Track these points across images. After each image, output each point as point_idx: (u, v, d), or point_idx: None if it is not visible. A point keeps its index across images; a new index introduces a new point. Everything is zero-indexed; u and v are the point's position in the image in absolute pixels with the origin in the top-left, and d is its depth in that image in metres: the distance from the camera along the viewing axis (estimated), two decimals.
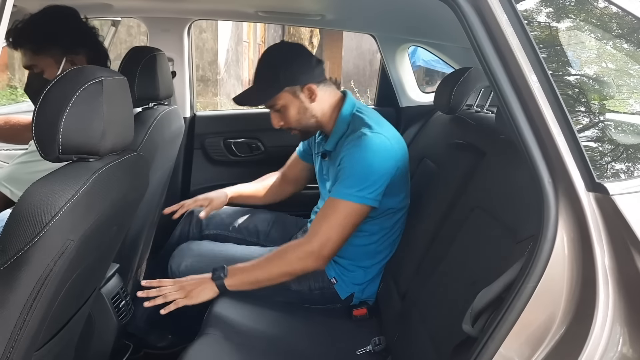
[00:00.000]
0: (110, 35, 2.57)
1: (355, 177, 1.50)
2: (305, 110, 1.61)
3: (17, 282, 0.86)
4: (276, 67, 1.59)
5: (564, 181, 0.91)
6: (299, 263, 1.50)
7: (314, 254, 1.49)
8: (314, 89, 1.59)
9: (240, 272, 1.51)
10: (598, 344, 0.87)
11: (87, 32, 1.54)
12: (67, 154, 0.95)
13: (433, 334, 1.24)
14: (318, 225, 1.51)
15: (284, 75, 1.58)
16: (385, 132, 1.57)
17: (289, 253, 1.51)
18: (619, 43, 1.18)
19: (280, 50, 1.65)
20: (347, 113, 1.63)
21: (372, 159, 1.51)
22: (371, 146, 1.51)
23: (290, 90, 1.59)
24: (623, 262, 0.88)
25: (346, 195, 1.49)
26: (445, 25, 1.69)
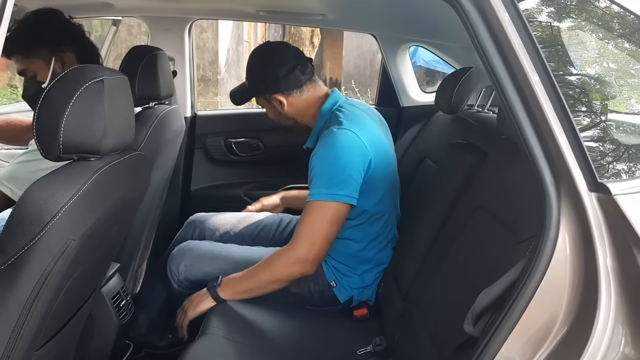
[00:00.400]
0: (111, 34, 2.57)
1: (324, 176, 1.50)
2: (280, 113, 1.72)
3: (17, 281, 0.85)
4: (248, 74, 1.71)
5: (566, 181, 0.91)
6: (286, 270, 1.51)
7: (300, 259, 1.49)
8: (282, 99, 1.67)
9: (232, 282, 1.55)
10: (600, 344, 0.87)
11: (73, 31, 1.56)
12: (68, 153, 0.94)
13: (434, 334, 1.23)
14: (299, 230, 1.51)
15: (253, 85, 1.71)
16: (355, 129, 1.54)
17: (275, 260, 1.52)
18: (621, 43, 1.18)
19: (254, 57, 1.71)
20: (326, 110, 1.67)
21: (337, 155, 1.50)
22: (335, 142, 1.50)
23: (262, 97, 1.71)
24: (625, 262, 0.87)
25: (318, 195, 1.49)
26: (447, 25, 1.69)
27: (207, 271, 1.67)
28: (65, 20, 1.55)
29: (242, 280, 1.54)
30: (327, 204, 1.48)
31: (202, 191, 2.47)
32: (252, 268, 1.55)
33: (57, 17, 1.53)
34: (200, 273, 1.68)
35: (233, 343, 1.42)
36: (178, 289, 1.71)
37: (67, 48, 1.49)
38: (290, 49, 1.69)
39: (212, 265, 1.68)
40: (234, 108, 2.47)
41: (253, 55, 1.72)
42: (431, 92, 2.54)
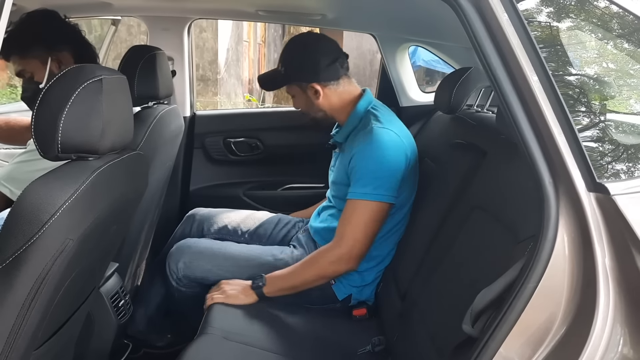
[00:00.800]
0: (111, 34, 2.56)
1: (369, 175, 1.53)
2: (312, 104, 1.70)
3: (15, 281, 0.85)
4: (288, 61, 1.69)
5: (565, 181, 0.91)
6: (331, 267, 1.56)
7: (344, 256, 1.54)
8: (319, 89, 1.66)
9: (277, 280, 1.58)
10: (599, 344, 0.87)
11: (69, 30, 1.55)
12: (67, 153, 0.94)
13: (433, 334, 1.23)
14: (342, 228, 1.56)
15: (292, 71, 1.68)
16: (395, 128, 1.60)
17: (321, 258, 1.57)
18: (620, 43, 1.18)
19: (297, 44, 1.71)
20: (362, 109, 1.68)
21: (383, 155, 1.54)
22: (381, 142, 1.54)
23: (298, 85, 1.69)
24: (624, 262, 0.88)
25: (363, 194, 1.53)
26: (446, 25, 1.69)
27: (207, 268, 1.68)
28: (61, 20, 1.55)
29: (287, 278, 1.58)
30: (372, 203, 1.53)
31: (201, 191, 2.47)
32: (297, 266, 1.60)
33: (53, 17, 1.53)
34: (199, 270, 1.68)
35: (232, 343, 1.42)
36: (177, 287, 1.71)
37: (63, 47, 1.50)
38: (332, 41, 1.70)
39: (211, 262, 1.68)
40: (233, 108, 2.47)
41: (295, 43, 1.72)
42: (431, 92, 2.54)
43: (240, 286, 1.59)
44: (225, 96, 8.66)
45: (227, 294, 1.58)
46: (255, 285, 1.58)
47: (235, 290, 1.58)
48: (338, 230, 1.57)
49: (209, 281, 1.71)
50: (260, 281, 1.58)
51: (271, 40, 12.00)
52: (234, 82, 9.27)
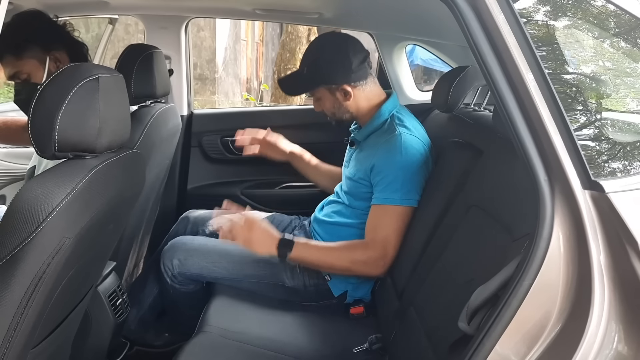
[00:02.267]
0: (108, 33, 2.56)
1: (399, 181, 1.54)
2: (340, 106, 1.67)
3: (12, 279, 0.85)
4: (316, 63, 1.64)
5: (560, 179, 0.91)
6: (363, 266, 1.56)
7: (378, 261, 1.54)
8: (349, 90, 1.63)
9: (305, 251, 1.55)
10: (594, 341, 0.87)
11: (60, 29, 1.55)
12: (63, 152, 0.94)
13: (430, 332, 1.24)
14: (374, 233, 1.55)
15: (321, 73, 1.63)
16: (419, 135, 1.62)
17: (356, 254, 1.55)
18: (616, 42, 1.18)
19: (326, 45, 1.67)
20: (386, 111, 1.67)
21: (412, 160, 1.55)
22: (409, 149, 1.56)
23: (327, 87, 1.65)
24: (618, 259, 0.88)
25: (394, 200, 1.54)
26: (443, 24, 1.69)
27: (202, 265, 1.68)
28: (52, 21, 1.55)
29: (315, 254, 1.57)
30: (403, 208, 1.54)
31: (198, 189, 2.47)
32: (330, 247, 1.59)
33: (43, 16, 1.53)
34: (194, 267, 1.68)
35: (229, 341, 1.42)
36: (172, 284, 1.71)
37: (59, 46, 1.49)
38: (359, 41, 1.66)
39: (206, 259, 1.68)
40: (231, 107, 2.47)
41: (323, 43, 1.67)
42: (428, 90, 2.54)
43: (266, 236, 1.53)
44: (223, 95, 8.65)
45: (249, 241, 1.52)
46: (282, 244, 1.52)
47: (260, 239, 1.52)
48: (368, 234, 1.56)
49: (204, 278, 1.71)
50: (289, 247, 1.52)
51: (269, 39, 11.99)
52: (231, 81, 9.26)
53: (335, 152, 2.07)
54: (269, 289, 1.69)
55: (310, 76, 1.65)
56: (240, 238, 1.53)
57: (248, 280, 1.69)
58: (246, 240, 1.53)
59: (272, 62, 10.54)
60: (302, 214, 2.01)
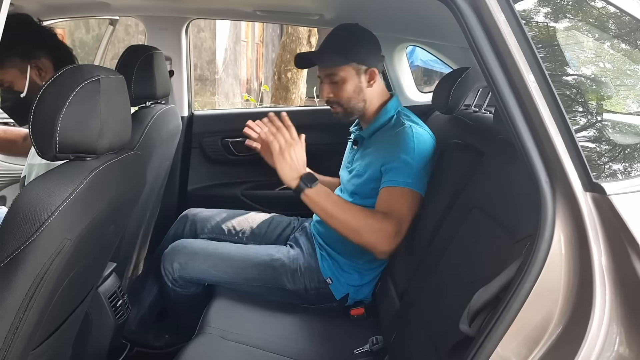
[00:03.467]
0: (108, 33, 2.56)
1: (413, 167, 1.54)
2: (360, 91, 1.67)
3: (13, 280, 0.85)
4: (353, 40, 1.64)
5: (562, 181, 0.91)
6: (374, 235, 1.47)
7: (390, 235, 1.48)
8: (376, 74, 1.66)
9: (323, 196, 1.49)
10: (595, 343, 0.87)
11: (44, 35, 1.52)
12: (64, 153, 0.94)
13: (431, 334, 1.24)
14: (388, 207, 1.51)
15: (357, 50, 1.63)
16: (428, 130, 1.66)
17: (372, 221, 1.48)
18: (617, 43, 1.18)
19: (355, 29, 1.68)
20: (392, 108, 1.70)
21: (423, 150, 1.57)
22: (421, 138, 1.58)
23: (355, 67, 1.64)
24: (620, 261, 0.88)
25: (408, 183, 1.53)
26: (444, 25, 1.69)
27: (202, 269, 1.68)
28: (35, 25, 1.51)
29: (332, 202, 1.50)
30: (413, 192, 1.54)
31: (199, 190, 2.47)
32: (349, 205, 1.53)
33: (26, 22, 1.49)
34: (195, 271, 1.68)
35: (230, 342, 1.42)
36: (172, 287, 1.70)
37: (41, 53, 1.46)
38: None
39: (207, 263, 1.68)
40: (231, 107, 2.47)
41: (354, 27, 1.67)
42: (429, 91, 2.54)
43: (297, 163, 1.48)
44: (223, 96, 8.66)
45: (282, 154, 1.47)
46: (305, 179, 1.47)
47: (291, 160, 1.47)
48: (381, 209, 1.52)
49: (204, 281, 1.71)
50: (310, 182, 1.48)
51: (269, 40, 12.00)
52: (232, 82, 9.26)
53: (335, 154, 2.07)
54: (269, 292, 1.69)
55: (342, 52, 1.61)
56: (276, 146, 1.47)
57: (248, 284, 1.68)
58: (280, 152, 1.46)
59: (272, 63, 10.55)
60: (302, 216, 2.01)
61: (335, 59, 1.63)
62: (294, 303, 1.69)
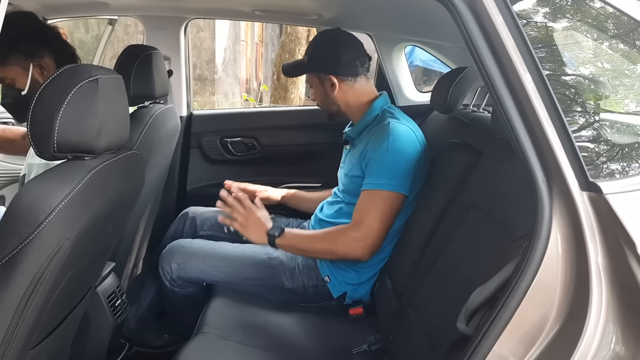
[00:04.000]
0: (107, 33, 2.56)
1: (386, 165, 1.56)
2: (327, 96, 1.76)
3: (11, 280, 0.85)
4: (313, 51, 1.77)
5: (558, 180, 0.91)
6: (344, 247, 1.57)
7: (359, 242, 1.55)
8: (335, 82, 1.71)
9: (292, 238, 1.62)
10: (591, 342, 0.88)
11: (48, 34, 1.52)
12: (63, 152, 0.95)
13: (429, 333, 1.24)
14: (359, 215, 1.57)
15: (314, 61, 1.75)
16: (411, 125, 1.66)
17: (338, 236, 1.59)
18: (615, 43, 1.18)
19: (324, 37, 1.81)
20: (377, 107, 1.73)
21: (399, 147, 1.57)
22: (397, 135, 1.58)
23: (317, 75, 1.76)
24: (616, 260, 0.88)
25: (379, 185, 1.55)
26: (442, 25, 1.69)
27: (201, 269, 1.68)
28: (40, 23, 1.51)
29: (301, 240, 1.62)
30: (388, 193, 1.55)
31: (197, 190, 2.47)
32: (313, 234, 1.67)
33: (31, 20, 1.50)
34: (193, 271, 1.68)
35: (228, 342, 1.42)
36: (170, 287, 1.70)
37: (44, 52, 1.46)
38: (357, 41, 1.76)
39: (205, 263, 1.68)
40: (230, 107, 2.47)
41: (322, 36, 1.81)
42: (428, 91, 2.54)
43: (259, 224, 1.63)
44: (222, 96, 8.65)
45: (245, 226, 1.63)
46: (271, 233, 1.60)
47: (253, 226, 1.63)
48: (354, 217, 1.58)
49: (202, 281, 1.71)
50: (277, 231, 1.60)
51: (269, 40, 11.99)
52: (231, 81, 9.26)
53: (333, 153, 2.07)
54: (268, 291, 1.69)
55: (307, 63, 1.77)
56: (237, 223, 1.64)
57: (247, 283, 1.69)
58: (242, 225, 1.63)
59: (271, 63, 10.55)
60: (299, 216, 2.02)
61: (298, 69, 1.84)
62: (292, 302, 1.69)
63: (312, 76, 1.78)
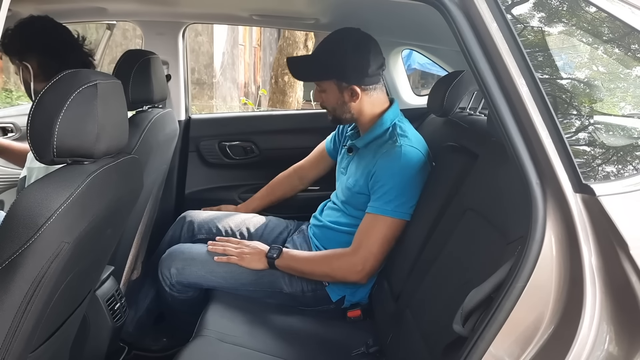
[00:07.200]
0: (106, 38, 2.57)
1: (395, 192, 1.55)
2: (344, 104, 1.66)
3: (11, 284, 0.86)
4: (333, 54, 1.60)
5: (552, 183, 0.92)
6: (340, 272, 1.59)
7: (357, 267, 1.56)
8: (358, 92, 1.62)
9: (290, 259, 1.64)
10: (585, 342, 0.89)
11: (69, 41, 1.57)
12: (62, 157, 0.95)
13: (425, 335, 1.25)
14: (360, 240, 1.58)
15: (336, 67, 1.61)
16: (420, 146, 1.63)
17: (335, 260, 1.60)
18: (607, 47, 1.20)
19: (348, 40, 1.62)
20: (388, 120, 1.68)
21: (410, 173, 1.56)
22: (409, 161, 1.56)
23: (337, 83, 1.62)
24: (610, 261, 0.89)
25: (386, 211, 1.55)
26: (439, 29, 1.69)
27: (200, 274, 1.68)
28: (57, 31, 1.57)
29: (299, 262, 1.64)
30: (393, 220, 1.56)
31: (196, 194, 2.47)
32: (312, 256, 1.66)
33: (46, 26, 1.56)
34: (192, 277, 1.68)
35: (227, 345, 1.43)
36: (170, 292, 1.70)
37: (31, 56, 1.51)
38: (378, 44, 1.64)
39: (205, 268, 1.68)
40: (228, 111, 2.48)
41: (346, 37, 1.62)
42: (424, 95, 2.55)
43: (256, 251, 1.66)
44: (221, 100, 8.67)
45: (242, 258, 1.65)
46: (270, 255, 1.64)
47: (251, 255, 1.65)
48: (355, 240, 1.59)
49: (201, 286, 1.71)
50: (276, 252, 1.64)
51: (267, 44, 12.02)
52: (229, 85, 9.28)
53: None
54: (267, 295, 1.69)
55: (324, 66, 1.62)
56: (234, 257, 1.66)
57: (246, 289, 1.69)
58: (239, 258, 1.66)
59: (269, 67, 10.57)
60: (299, 219, 2.02)
61: (315, 73, 1.67)
62: (290, 305, 1.69)
63: (326, 83, 1.64)
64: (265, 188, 2.17)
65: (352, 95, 1.63)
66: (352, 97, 1.63)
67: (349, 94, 1.63)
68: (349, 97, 1.63)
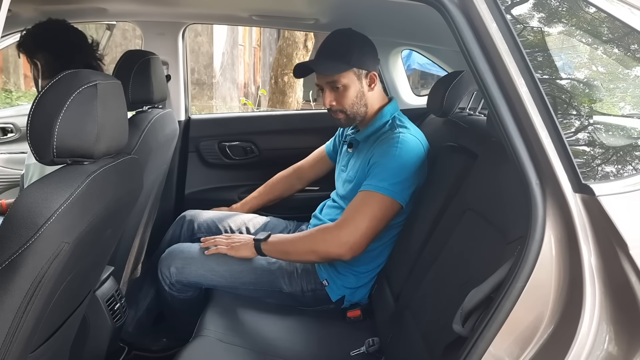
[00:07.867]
0: (106, 38, 2.58)
1: (389, 171, 1.55)
2: (362, 95, 1.68)
3: (11, 284, 0.86)
4: (351, 46, 1.65)
5: (551, 183, 0.93)
6: (324, 244, 1.55)
7: (340, 239, 1.52)
8: (376, 78, 1.68)
9: (276, 242, 1.63)
10: (585, 342, 0.89)
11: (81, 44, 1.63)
12: (62, 157, 0.95)
13: (425, 335, 1.25)
14: (348, 213, 1.56)
15: (357, 56, 1.64)
16: (419, 136, 1.65)
17: (318, 233, 1.58)
18: (607, 47, 1.20)
19: (354, 35, 1.68)
20: (388, 113, 1.71)
21: (406, 157, 1.56)
22: (406, 145, 1.57)
23: (356, 72, 1.65)
24: (609, 261, 0.89)
25: (379, 187, 1.53)
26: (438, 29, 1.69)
27: (199, 274, 1.68)
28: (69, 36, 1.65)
29: (284, 242, 1.63)
30: (384, 197, 1.53)
31: (196, 194, 2.48)
32: (296, 235, 1.64)
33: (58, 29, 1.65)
34: (192, 276, 1.68)
35: (227, 345, 1.43)
36: (169, 291, 1.70)
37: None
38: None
39: (204, 267, 1.68)
40: (228, 111, 2.48)
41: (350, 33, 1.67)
42: (424, 95, 2.55)
43: (244, 242, 1.67)
44: (220, 100, 8.67)
45: (232, 247, 1.67)
46: (256, 239, 1.64)
47: (240, 243, 1.67)
48: (344, 215, 1.57)
49: (201, 285, 1.71)
50: (263, 236, 1.64)
51: (266, 44, 12.02)
52: (229, 85, 9.28)
53: None
54: (266, 295, 1.70)
55: (343, 59, 1.62)
56: (223, 248, 1.67)
57: (245, 288, 1.69)
58: (229, 248, 1.67)
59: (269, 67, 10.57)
60: (299, 219, 2.03)
61: (337, 66, 1.63)
62: (290, 305, 1.70)
63: (348, 74, 1.62)
64: (263, 187, 2.17)
65: (370, 83, 1.67)
66: (371, 84, 1.67)
67: (367, 82, 1.67)
68: (367, 86, 1.67)
